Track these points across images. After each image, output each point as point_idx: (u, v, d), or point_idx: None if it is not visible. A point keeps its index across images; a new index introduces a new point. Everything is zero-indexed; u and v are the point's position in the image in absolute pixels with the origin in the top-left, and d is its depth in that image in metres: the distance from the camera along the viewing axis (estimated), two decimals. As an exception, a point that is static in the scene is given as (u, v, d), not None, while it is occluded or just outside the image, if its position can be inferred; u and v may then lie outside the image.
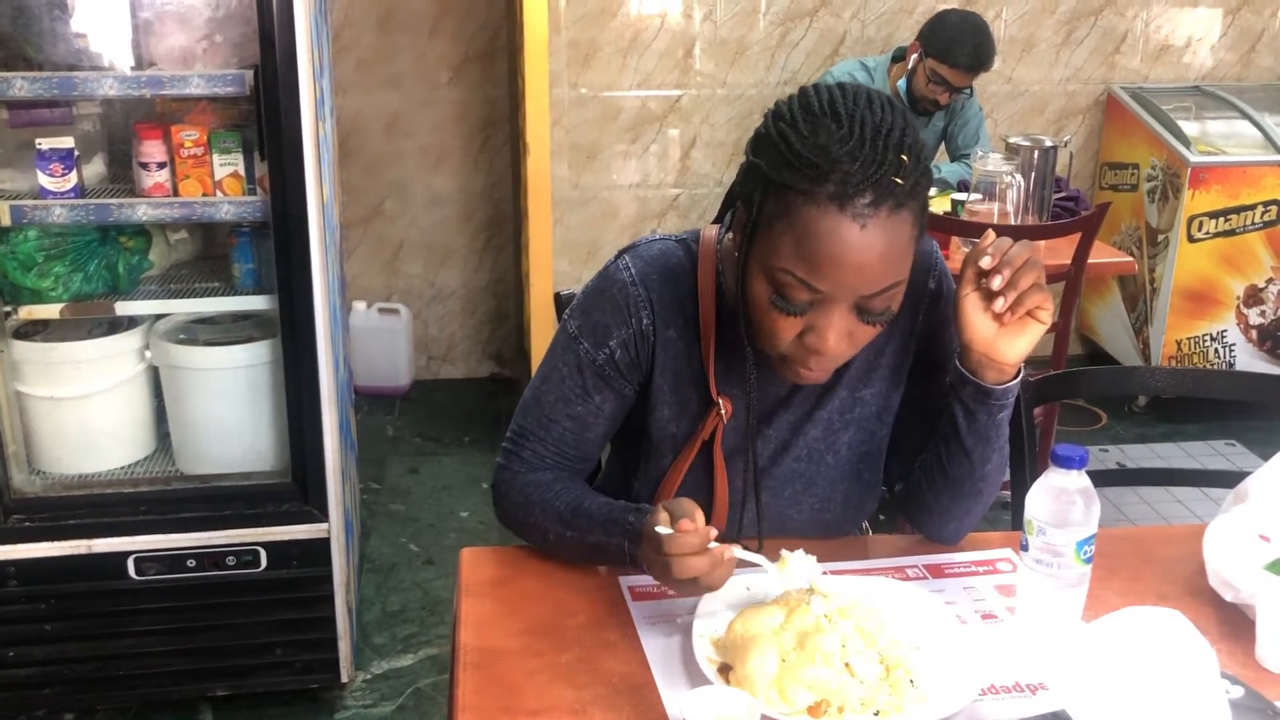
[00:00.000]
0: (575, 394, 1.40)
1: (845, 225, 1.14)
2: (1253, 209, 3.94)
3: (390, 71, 4.08)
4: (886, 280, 1.19)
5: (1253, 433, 3.93)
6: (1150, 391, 2.32)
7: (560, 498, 1.38)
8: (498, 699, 1.17)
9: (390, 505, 3.46)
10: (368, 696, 2.57)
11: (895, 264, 1.19)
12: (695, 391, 1.40)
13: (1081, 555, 1.22)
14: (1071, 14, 4.35)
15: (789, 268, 1.18)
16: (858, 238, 1.15)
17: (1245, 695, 1.09)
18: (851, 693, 1.13)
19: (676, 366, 1.40)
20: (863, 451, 1.47)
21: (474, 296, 4.40)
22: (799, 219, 1.16)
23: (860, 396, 1.44)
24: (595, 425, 1.43)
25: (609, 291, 1.39)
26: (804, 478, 1.46)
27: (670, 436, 1.43)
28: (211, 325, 2.52)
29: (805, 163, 1.15)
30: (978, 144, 3.69)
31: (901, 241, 1.18)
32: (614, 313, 1.38)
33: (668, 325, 1.38)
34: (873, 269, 1.17)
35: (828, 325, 1.20)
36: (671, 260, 1.39)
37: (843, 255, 1.15)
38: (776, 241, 1.19)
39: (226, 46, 2.30)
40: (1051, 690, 1.16)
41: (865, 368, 1.43)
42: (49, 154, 2.19)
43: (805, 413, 1.43)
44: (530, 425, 1.44)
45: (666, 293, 1.38)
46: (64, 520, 2.29)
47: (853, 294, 1.19)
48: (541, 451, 1.43)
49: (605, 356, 1.38)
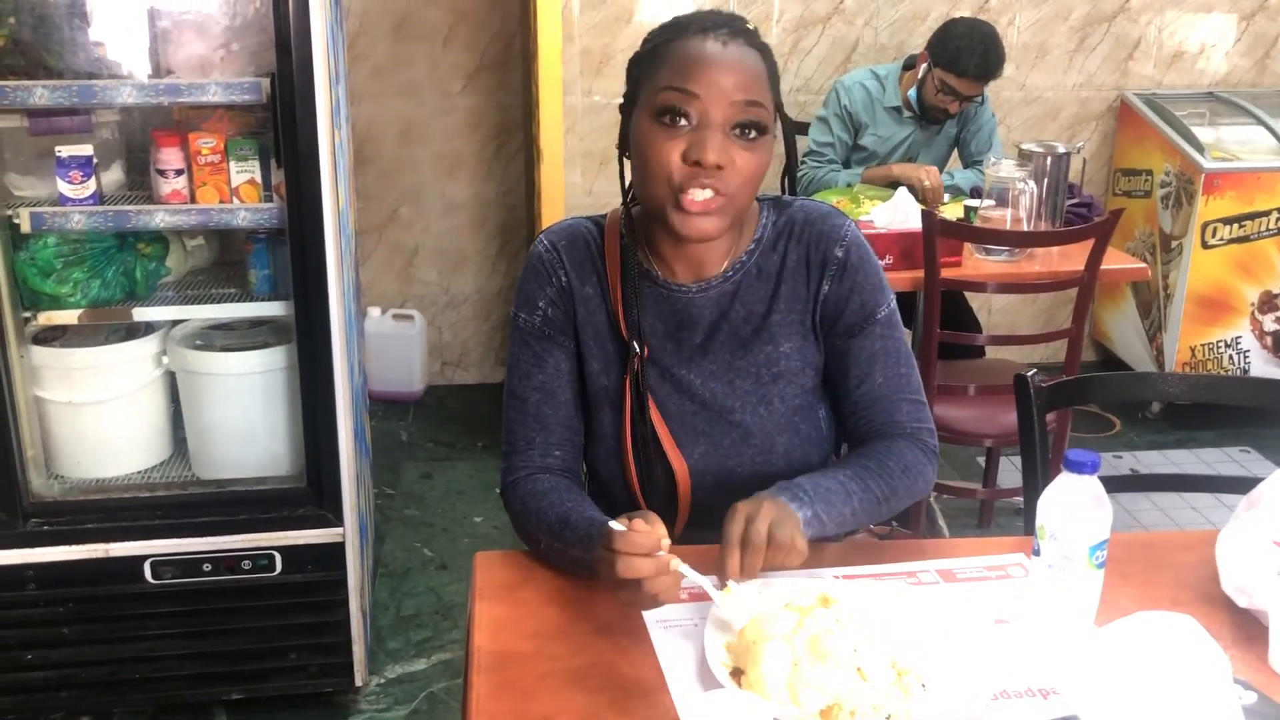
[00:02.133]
0: (531, 365, 1.53)
1: (709, 42, 1.38)
2: (1267, 215, 3.93)
3: (405, 79, 4.10)
4: (751, 92, 1.37)
5: (1267, 439, 3.92)
6: (1163, 397, 2.32)
7: (552, 509, 1.44)
8: (511, 702, 1.18)
9: (404, 510, 3.47)
10: (381, 701, 2.58)
11: (756, 82, 1.38)
12: (614, 343, 1.53)
13: (1094, 560, 1.23)
14: (1085, 20, 4.35)
15: (667, 83, 1.37)
16: (720, 49, 1.37)
17: (1259, 701, 1.09)
18: (863, 696, 1.13)
19: (595, 321, 1.52)
20: (796, 405, 1.54)
21: (488, 302, 4.41)
22: (672, 51, 1.39)
23: (783, 350, 1.53)
24: (560, 390, 1.53)
25: (530, 265, 1.55)
26: (741, 428, 1.53)
27: (603, 389, 1.54)
28: (228, 331, 2.54)
29: (668, 25, 1.43)
30: (990, 150, 3.69)
31: (759, 69, 1.39)
32: (536, 277, 1.53)
33: (583, 282, 1.52)
34: (737, 75, 1.36)
35: (708, 137, 1.35)
36: (579, 228, 1.56)
37: (712, 61, 1.36)
38: (655, 76, 1.39)
39: (243, 55, 2.32)
40: (1063, 695, 1.17)
41: (781, 322, 1.52)
42: (68, 161, 2.21)
43: (728, 364, 1.52)
44: (511, 415, 1.55)
45: (575, 254, 1.53)
46: (81, 524, 2.31)
47: (724, 99, 1.35)
48: (529, 434, 1.53)
49: (540, 317, 1.52)
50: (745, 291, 1.51)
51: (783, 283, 1.51)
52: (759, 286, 1.51)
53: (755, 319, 1.52)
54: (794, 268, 1.51)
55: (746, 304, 1.51)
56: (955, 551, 1.48)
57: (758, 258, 1.51)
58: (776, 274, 1.51)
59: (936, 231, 2.84)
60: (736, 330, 1.52)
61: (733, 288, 1.51)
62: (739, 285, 1.51)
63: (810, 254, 1.51)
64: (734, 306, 1.51)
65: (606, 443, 1.56)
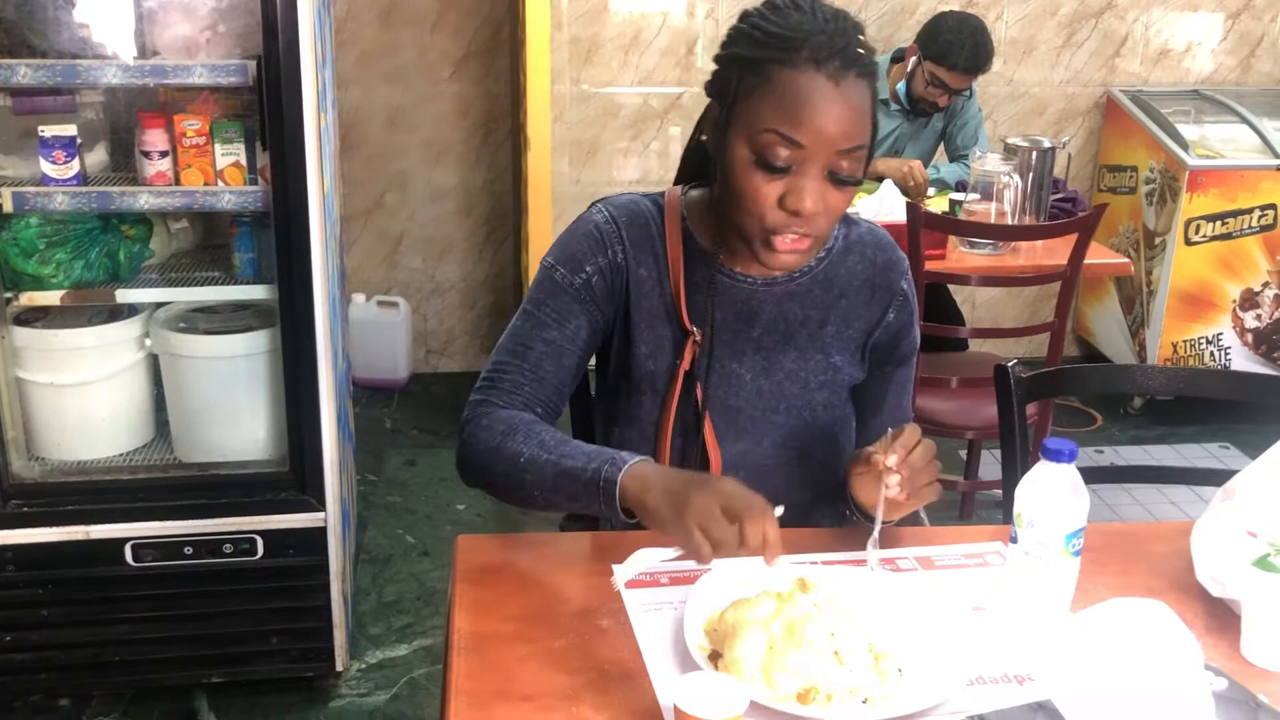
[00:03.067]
0: (551, 319, 1.47)
1: (821, 82, 1.29)
2: (1250, 213, 3.96)
3: (392, 65, 4.09)
4: (856, 138, 1.31)
5: (1246, 435, 3.95)
6: (1142, 390, 2.33)
7: (548, 431, 1.39)
8: (491, 684, 1.18)
9: (387, 497, 3.47)
10: (362, 685, 2.58)
11: (862, 124, 1.32)
12: (668, 328, 1.49)
13: (1070, 548, 1.24)
14: (1072, 16, 4.37)
15: (772, 126, 1.30)
16: (833, 93, 1.29)
17: (1229, 687, 1.10)
18: (840, 680, 1.14)
19: (649, 304, 1.48)
20: (836, 415, 1.55)
21: (473, 290, 4.41)
22: (779, 83, 1.30)
23: (833, 362, 1.53)
24: (569, 353, 1.48)
25: (584, 228, 1.49)
26: (783, 429, 1.53)
27: (649, 374, 1.50)
28: (211, 314, 2.53)
29: (780, 38, 1.31)
30: (976, 144, 3.70)
31: (866, 105, 1.33)
32: (590, 244, 1.48)
33: (639, 263, 1.48)
34: (845, 123, 1.30)
35: (805, 185, 1.31)
36: (640, 207, 1.51)
37: (820, 108, 1.29)
38: (758, 108, 1.31)
39: (229, 37, 2.31)
40: (1038, 681, 1.18)
41: (836, 335, 1.52)
42: (52, 141, 2.20)
43: (780, 365, 1.51)
44: (506, 358, 1.47)
45: (636, 233, 1.48)
46: (62, 506, 2.31)
47: (829, 148, 1.30)
48: (519, 380, 1.45)
49: (582, 281, 1.47)
50: (808, 296, 1.50)
51: (844, 297, 1.52)
52: (822, 295, 1.51)
53: (812, 325, 1.51)
54: (859, 286, 1.52)
55: (806, 309, 1.51)
56: (934, 539, 1.50)
57: (826, 266, 1.51)
58: (841, 287, 1.51)
59: (921, 224, 2.85)
60: (793, 333, 1.51)
61: (798, 290, 1.50)
62: (803, 288, 1.50)
63: (876, 278, 1.53)
64: (794, 308, 1.50)
65: (642, 428, 1.52)
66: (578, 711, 1.14)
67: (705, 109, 1.44)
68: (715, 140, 1.39)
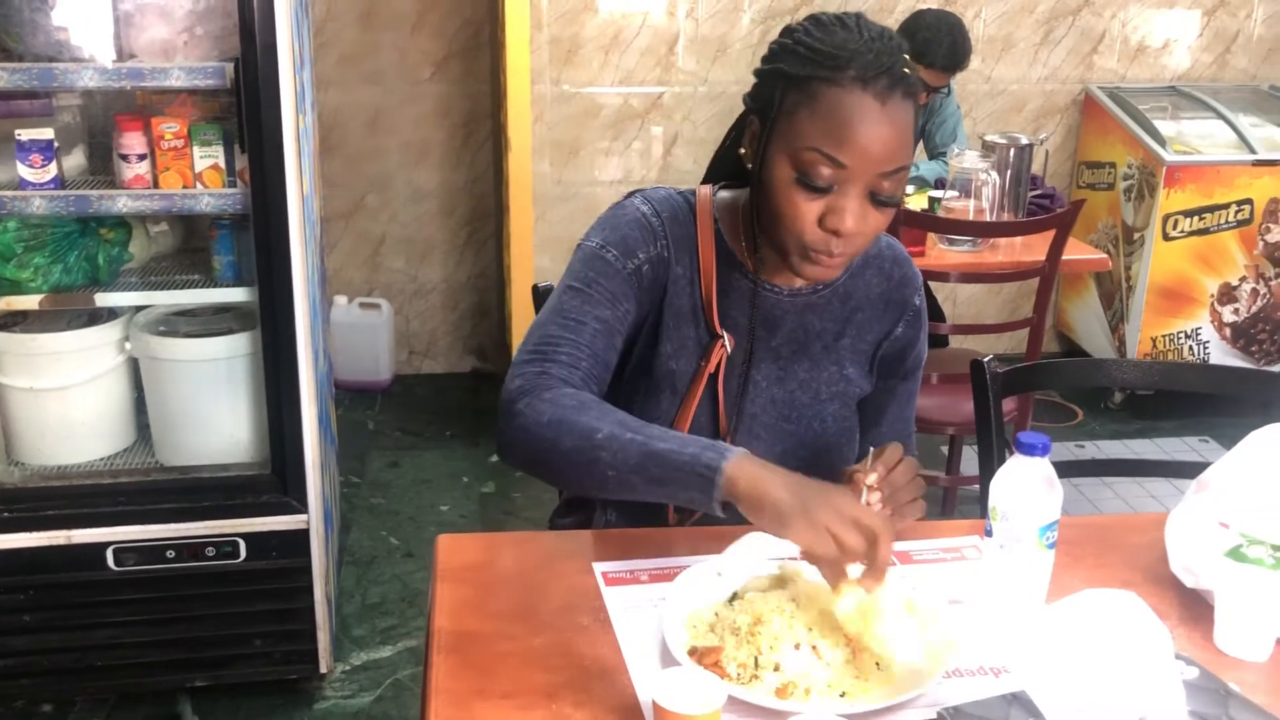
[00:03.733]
0: (604, 298, 1.40)
1: (868, 102, 1.27)
2: (1226, 208, 3.99)
3: (372, 67, 4.08)
4: (898, 160, 1.30)
5: (1225, 429, 3.98)
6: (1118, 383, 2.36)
7: (622, 411, 1.29)
8: (471, 682, 1.19)
9: (371, 499, 3.47)
10: (346, 687, 2.58)
11: (905, 145, 1.30)
12: (693, 330, 1.48)
13: (1044, 540, 1.25)
14: (1050, 14, 4.39)
15: (815, 145, 1.28)
16: (879, 113, 1.27)
17: (1200, 676, 1.12)
18: (818, 674, 1.15)
19: (679, 303, 1.47)
20: (844, 427, 1.56)
21: (455, 292, 4.41)
22: (824, 101, 1.28)
23: (846, 374, 1.54)
24: (618, 336, 1.41)
25: (631, 215, 1.45)
26: (794, 438, 1.53)
27: (670, 373, 1.48)
28: (191, 317, 2.52)
29: (826, 56, 1.29)
30: (955, 141, 3.72)
31: (909, 126, 1.31)
32: (641, 232, 1.44)
33: (677, 261, 1.46)
34: (889, 144, 1.28)
35: (847, 205, 1.30)
36: (676, 203, 1.48)
37: (866, 129, 1.27)
38: (801, 125, 1.30)
39: (207, 39, 2.30)
40: (1013, 672, 1.19)
41: (851, 347, 1.53)
42: (28, 145, 2.19)
43: (795, 375, 1.51)
44: (558, 331, 1.36)
45: (676, 230, 1.46)
46: (43, 511, 2.30)
47: (872, 169, 1.28)
48: (577, 355, 1.35)
49: (634, 267, 1.42)
50: (827, 308, 1.51)
51: (859, 310, 1.53)
52: (838, 307, 1.52)
53: (828, 337, 1.52)
54: (874, 299, 1.53)
55: (823, 320, 1.51)
56: (912, 534, 1.51)
57: (847, 280, 1.51)
58: (857, 300, 1.52)
59: (900, 222, 2.86)
60: (808, 344, 1.51)
61: (818, 301, 1.50)
62: (823, 300, 1.51)
63: (892, 292, 1.54)
64: (812, 320, 1.51)
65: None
66: (558, 709, 1.14)
67: (742, 119, 1.42)
68: (755, 154, 1.37)
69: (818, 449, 1.54)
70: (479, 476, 3.60)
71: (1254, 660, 1.24)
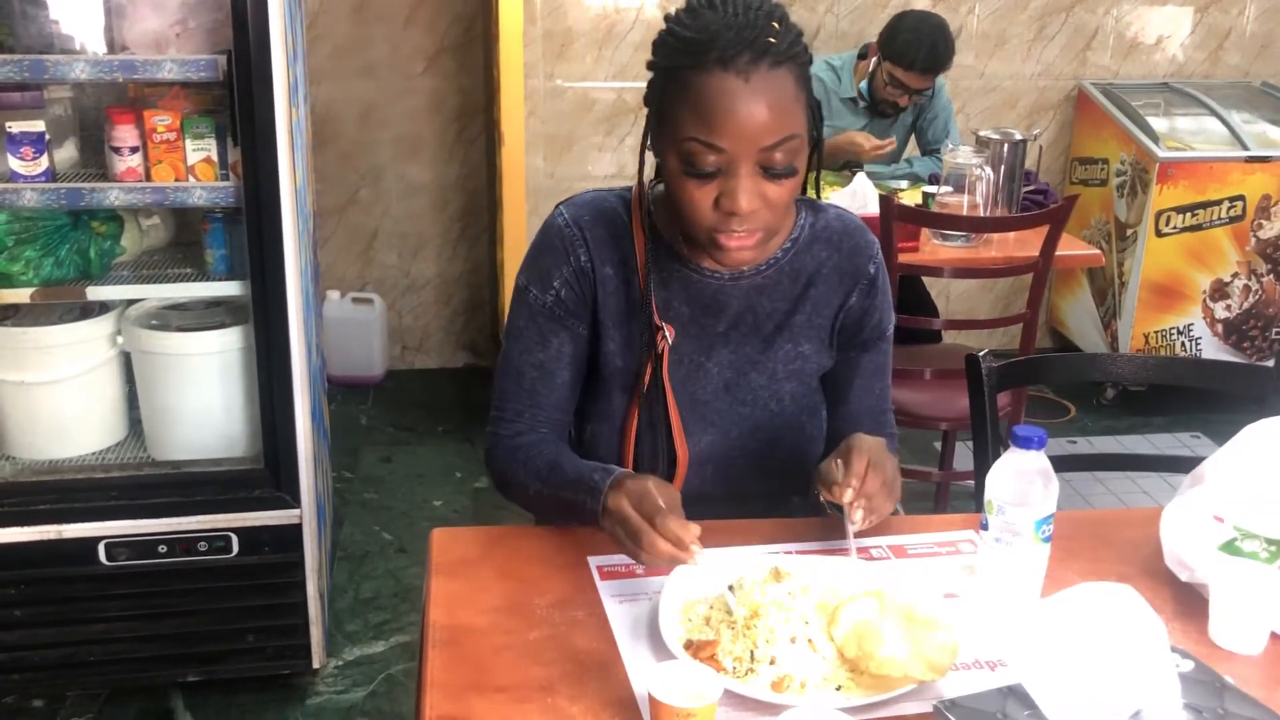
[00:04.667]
0: (534, 343, 1.50)
1: (731, 81, 1.27)
2: (1219, 204, 4.00)
3: (365, 60, 4.07)
4: (780, 132, 1.29)
5: (1216, 425, 3.99)
6: (1112, 378, 2.36)
7: (541, 456, 1.47)
8: (466, 676, 1.19)
9: (363, 494, 3.46)
10: (339, 683, 2.57)
11: (784, 115, 1.29)
12: (636, 325, 1.49)
13: (1040, 534, 1.25)
14: (1043, 10, 4.39)
15: (692, 134, 1.29)
16: (744, 90, 1.27)
17: (1195, 669, 1.12)
18: (813, 669, 1.15)
19: (616, 301, 1.49)
20: (804, 404, 1.56)
21: (448, 286, 4.40)
22: (692, 89, 1.29)
23: (801, 350, 1.53)
24: (559, 371, 1.51)
25: (548, 238, 1.50)
26: (750, 421, 1.53)
27: (619, 371, 1.51)
28: (184, 311, 2.51)
29: (689, 42, 1.30)
30: (948, 137, 3.72)
31: (786, 95, 1.30)
32: (553, 255, 1.49)
33: (604, 262, 1.48)
34: (763, 118, 1.28)
35: (737, 185, 1.30)
36: (604, 204, 1.51)
37: (734, 108, 1.27)
38: (678, 117, 1.31)
39: (200, 32, 2.29)
40: (1009, 665, 1.19)
41: (805, 324, 1.52)
42: (19, 137, 2.18)
43: (748, 357, 1.51)
44: (505, 385, 1.53)
45: (600, 231, 1.48)
46: (34, 505, 2.29)
47: (751, 147, 1.28)
48: (519, 408, 1.51)
49: (553, 298, 1.48)
50: (775, 287, 1.50)
51: (812, 286, 1.51)
52: (789, 285, 1.51)
53: (779, 316, 1.51)
54: (827, 274, 1.52)
55: (773, 300, 1.51)
56: (907, 528, 1.51)
57: (793, 256, 1.50)
58: (808, 276, 1.51)
59: (894, 217, 2.86)
60: (760, 324, 1.51)
61: (764, 281, 1.49)
62: (770, 280, 1.50)
63: (843, 263, 1.52)
64: (761, 300, 1.50)
65: (613, 424, 1.54)
66: (553, 702, 1.14)
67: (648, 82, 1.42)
68: (653, 147, 1.40)
69: (777, 429, 1.54)
70: (471, 472, 3.60)
71: (1248, 653, 1.25)
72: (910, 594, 1.20)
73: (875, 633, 1.13)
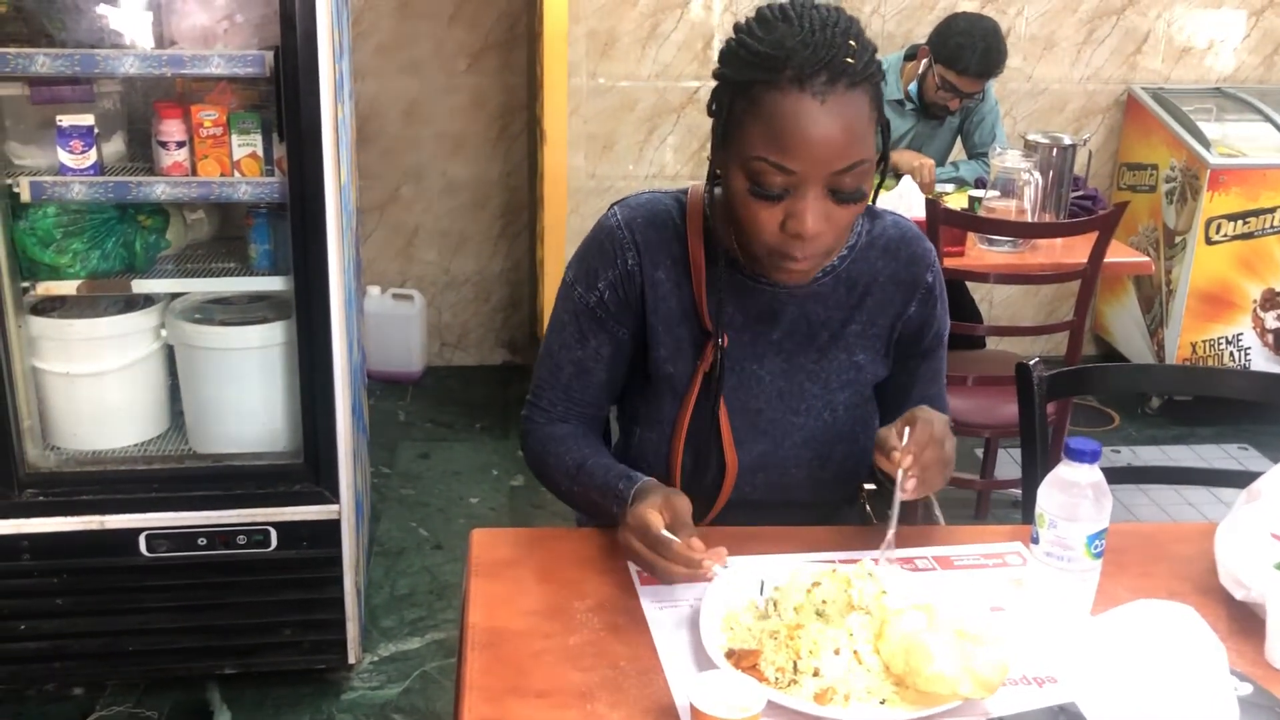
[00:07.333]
0: (574, 339, 1.50)
1: (806, 103, 1.23)
2: (1271, 212, 3.92)
3: (409, 57, 4.08)
4: (851, 156, 1.26)
5: (1265, 436, 3.92)
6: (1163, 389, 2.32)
7: (570, 453, 1.47)
8: (505, 679, 1.18)
9: (401, 490, 3.47)
10: (374, 678, 2.58)
11: (857, 139, 1.26)
12: (688, 330, 1.47)
13: (1092, 549, 1.22)
14: (1093, 13, 4.33)
15: (761, 154, 1.26)
16: (819, 112, 1.23)
17: (1254, 692, 1.09)
18: (858, 681, 1.13)
19: (667, 307, 1.47)
20: (858, 415, 1.53)
21: (488, 284, 4.40)
22: (765, 107, 1.25)
23: (856, 360, 1.51)
24: (596, 370, 1.51)
25: (598, 238, 1.48)
26: (804, 430, 1.51)
27: (668, 376, 1.49)
28: (227, 305, 2.53)
29: (763, 57, 1.25)
30: (995, 140, 3.67)
31: (861, 118, 1.26)
32: (601, 256, 1.47)
33: (655, 266, 1.46)
34: (837, 142, 1.24)
35: (805, 208, 1.27)
36: (658, 207, 1.48)
37: (808, 131, 1.24)
38: (747, 134, 1.27)
39: (247, 27, 2.30)
40: (1060, 683, 1.16)
41: (860, 333, 1.50)
42: (69, 131, 2.20)
43: (801, 365, 1.49)
44: (543, 375, 1.54)
45: (652, 235, 1.46)
46: (77, 496, 2.31)
47: (823, 171, 1.25)
48: (554, 398, 1.53)
49: (596, 299, 1.47)
50: (832, 296, 1.48)
51: (869, 295, 1.49)
52: (845, 294, 1.48)
53: (834, 325, 1.49)
54: (883, 283, 1.49)
55: (829, 308, 1.48)
56: (953, 539, 1.48)
57: (850, 265, 1.48)
58: (865, 285, 1.48)
59: (940, 221, 2.83)
60: (815, 333, 1.48)
61: (821, 290, 1.47)
62: (826, 289, 1.47)
63: (901, 272, 1.49)
64: (816, 309, 1.48)
65: (661, 429, 1.51)
66: (592, 709, 1.13)
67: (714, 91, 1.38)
68: (716, 161, 1.36)
69: (830, 439, 1.51)
70: (508, 469, 3.59)
71: (1306, 676, 1.21)
72: (959, 608, 1.18)
73: (923, 648, 1.11)
